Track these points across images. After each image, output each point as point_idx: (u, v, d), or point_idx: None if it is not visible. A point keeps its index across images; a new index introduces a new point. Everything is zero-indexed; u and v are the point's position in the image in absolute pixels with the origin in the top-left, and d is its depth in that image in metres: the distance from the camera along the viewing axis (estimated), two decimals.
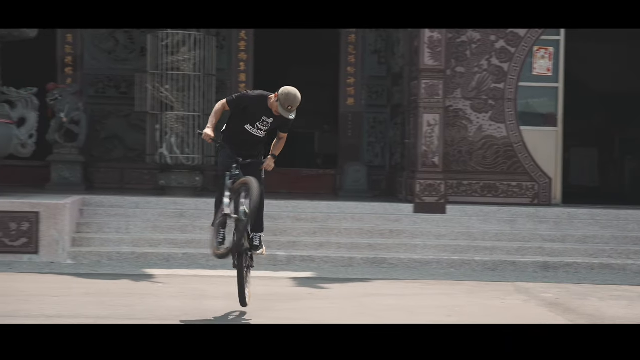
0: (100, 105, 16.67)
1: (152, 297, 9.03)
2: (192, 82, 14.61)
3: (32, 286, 9.74)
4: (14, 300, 8.64)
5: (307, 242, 12.92)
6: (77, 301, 8.69)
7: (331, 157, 20.30)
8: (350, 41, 16.94)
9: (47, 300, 8.65)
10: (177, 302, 8.80)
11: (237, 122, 7.92)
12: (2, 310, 8.00)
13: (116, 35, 16.84)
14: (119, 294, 9.35)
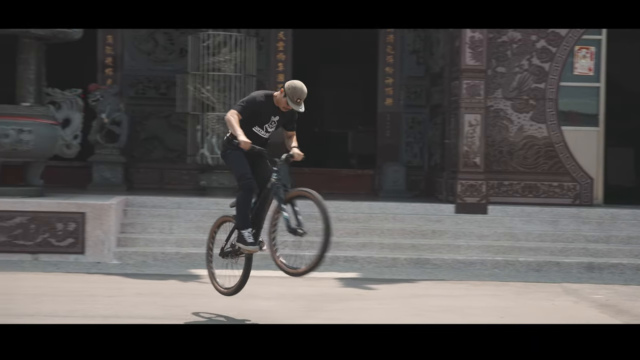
0: (140, 106, 16.76)
1: (203, 297, 9.06)
2: (233, 83, 14.66)
3: (83, 286, 9.83)
4: (69, 300, 8.72)
5: (350, 242, 12.93)
6: (130, 301, 8.76)
7: (365, 157, 20.31)
8: (388, 41, 16.93)
9: (101, 301, 8.73)
10: (228, 302, 8.82)
11: (244, 126, 7.67)
12: (58, 309, 8.09)
13: (156, 37, 16.94)
14: (170, 294, 9.42)
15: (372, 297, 9.76)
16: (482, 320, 8.07)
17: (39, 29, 12.16)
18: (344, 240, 13.00)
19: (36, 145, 12.43)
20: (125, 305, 8.46)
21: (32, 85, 12.63)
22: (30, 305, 8.38)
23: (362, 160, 20.15)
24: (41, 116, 12.60)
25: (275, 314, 8.27)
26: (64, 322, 7.20)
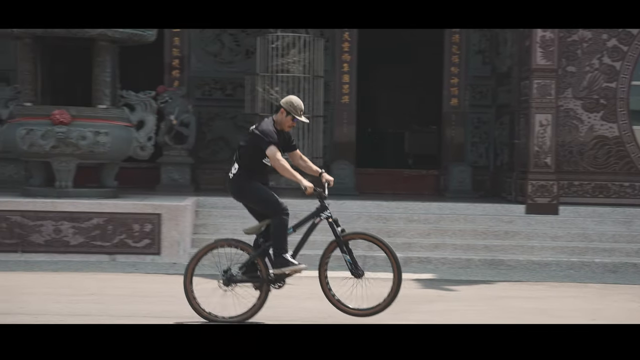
0: (207, 107, 16.87)
1: (290, 299, 9.07)
2: (302, 84, 14.71)
3: (165, 287, 9.89)
4: (158, 301, 8.81)
5: (422, 243, 12.91)
6: None
7: (422, 157, 20.26)
8: (454, 41, 16.86)
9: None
10: (314, 304, 8.84)
11: (257, 161, 7.62)
12: (151, 310, 8.18)
13: (222, 38, 17.04)
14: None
15: (454, 298, 9.73)
16: (574, 321, 8.00)
17: (116, 32, 12.31)
18: (416, 241, 12.99)
19: (112, 147, 12.57)
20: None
21: (108, 87, 12.78)
22: (121, 305, 8.48)
23: (418, 160, 20.13)
24: (117, 118, 12.75)
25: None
26: (159, 322, 7.29)
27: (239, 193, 7.74)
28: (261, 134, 7.51)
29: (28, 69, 12.68)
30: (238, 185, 7.67)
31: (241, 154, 7.62)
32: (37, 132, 12.18)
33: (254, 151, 7.57)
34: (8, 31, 12.29)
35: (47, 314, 7.89)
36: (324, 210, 7.91)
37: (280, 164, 7.53)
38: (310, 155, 14.81)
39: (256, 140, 7.53)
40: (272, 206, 7.71)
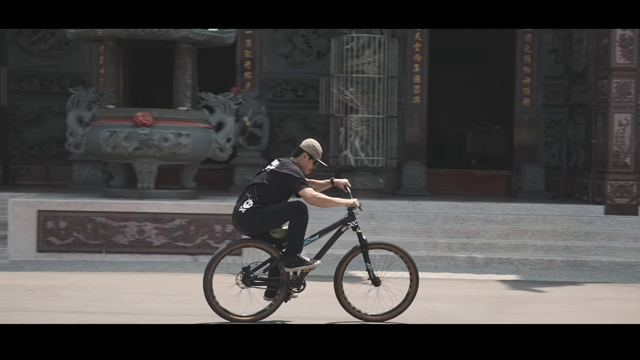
0: (278, 108, 16.93)
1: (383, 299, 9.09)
2: (376, 85, 14.71)
3: None
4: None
5: (502, 244, 12.83)
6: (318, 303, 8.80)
7: (486, 157, 20.14)
8: (526, 41, 16.73)
9: None
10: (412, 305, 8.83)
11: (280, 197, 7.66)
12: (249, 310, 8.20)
13: (293, 40, 17.10)
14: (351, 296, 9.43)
15: (546, 299, 9.65)
16: None
17: (198, 35, 12.42)
18: (495, 242, 12.92)
19: (193, 149, 12.68)
20: (316, 307, 8.52)
21: (189, 90, 12.90)
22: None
23: (481, 161, 20.03)
24: (197, 120, 12.85)
25: (462, 316, 8.23)
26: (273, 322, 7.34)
27: (254, 224, 7.65)
28: (292, 175, 7.51)
29: (111, 72, 12.83)
30: (252, 216, 7.56)
31: (261, 193, 7.51)
32: (121, 134, 12.32)
33: (277, 190, 7.57)
34: (92, 35, 12.46)
35: (150, 313, 7.99)
36: (352, 219, 7.99)
37: (320, 199, 7.69)
38: (384, 157, 14.86)
39: (285, 182, 7.51)
40: (294, 208, 7.63)
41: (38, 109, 16.91)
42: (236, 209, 7.62)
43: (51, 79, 16.85)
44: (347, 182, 8.10)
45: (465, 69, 20.15)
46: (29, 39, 16.85)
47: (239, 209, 7.57)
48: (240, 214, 7.59)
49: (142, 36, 12.28)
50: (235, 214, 7.66)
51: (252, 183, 7.64)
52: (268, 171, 7.63)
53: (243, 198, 7.59)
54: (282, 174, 7.52)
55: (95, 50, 16.51)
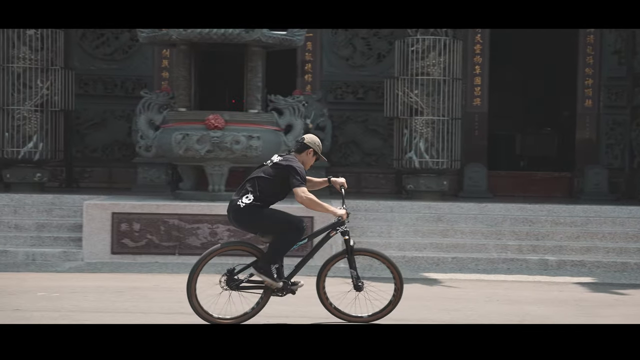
0: (338, 111, 16.98)
1: (466, 301, 9.11)
2: (441, 87, 14.69)
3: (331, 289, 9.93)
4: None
5: (573, 246, 12.78)
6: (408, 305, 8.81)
7: (536, 159, 20.04)
8: (588, 42, 16.65)
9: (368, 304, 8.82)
10: (494, 308, 8.84)
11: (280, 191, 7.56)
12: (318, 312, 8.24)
13: (354, 42, 17.14)
14: (430, 297, 9.48)
15: (632, 302, 9.59)
16: None
17: (269, 38, 12.49)
18: (566, 244, 12.86)
19: (263, 152, 12.72)
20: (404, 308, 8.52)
21: (260, 92, 12.96)
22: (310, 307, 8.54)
23: (531, 162, 19.95)
24: (267, 122, 12.92)
25: (557, 318, 8.19)
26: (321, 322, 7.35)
27: (250, 223, 7.45)
28: (295, 169, 7.38)
29: (183, 75, 12.93)
30: (250, 214, 7.35)
31: (262, 188, 7.34)
32: (193, 137, 12.41)
33: (278, 185, 7.42)
34: (166, 38, 12.57)
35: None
36: (341, 224, 7.78)
37: (310, 201, 7.46)
38: (448, 159, 14.82)
39: (286, 174, 7.37)
40: (295, 224, 7.51)
41: (101, 112, 17.08)
42: (234, 202, 7.37)
43: (114, 82, 17.02)
44: (343, 183, 7.98)
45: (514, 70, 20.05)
46: (93, 43, 17.03)
47: (238, 202, 7.33)
48: (238, 208, 7.34)
49: (215, 39, 12.36)
50: (232, 207, 7.39)
51: (253, 176, 7.42)
52: (270, 165, 7.47)
53: (242, 191, 7.36)
54: (285, 166, 7.37)
55: (158, 53, 16.66)
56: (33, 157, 14.52)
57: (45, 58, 14.48)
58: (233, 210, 7.38)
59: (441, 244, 12.87)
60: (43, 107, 14.52)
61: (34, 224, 12.93)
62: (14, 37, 14.33)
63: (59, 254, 12.16)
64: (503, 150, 20.89)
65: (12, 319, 7.42)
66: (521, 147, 21.38)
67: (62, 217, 13.27)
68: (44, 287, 9.48)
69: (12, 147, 14.46)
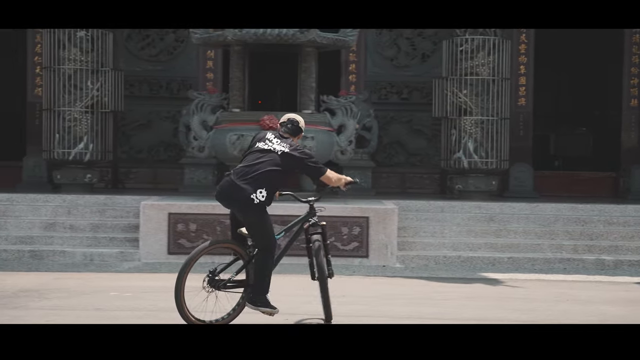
0: (383, 111, 16.97)
1: (537, 301, 9.09)
2: (490, 87, 14.66)
3: (395, 289, 9.96)
4: (397, 303, 8.87)
5: (629, 246, 12.74)
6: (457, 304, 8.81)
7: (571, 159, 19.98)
8: (634, 41, 16.57)
9: (427, 303, 8.88)
10: (568, 307, 8.80)
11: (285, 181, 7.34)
12: (402, 311, 8.25)
13: (398, 42, 17.15)
14: (497, 297, 9.46)
15: None
16: None
17: (324, 38, 12.51)
18: (621, 244, 12.82)
19: (317, 152, 12.68)
20: (476, 308, 8.53)
21: (313, 93, 12.98)
22: (379, 307, 8.57)
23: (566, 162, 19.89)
24: (320, 123, 12.92)
25: (633, 318, 8.15)
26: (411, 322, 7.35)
27: (255, 220, 7.04)
28: (313, 158, 7.21)
29: (237, 76, 12.96)
30: (259, 212, 7.00)
31: (274, 182, 7.03)
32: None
33: (285, 175, 7.16)
34: (221, 39, 12.61)
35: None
36: (313, 215, 7.59)
37: (336, 177, 7.30)
38: (497, 159, 14.79)
39: (302, 165, 7.13)
40: (270, 242, 7.16)
41: (147, 114, 17.15)
42: (247, 194, 6.84)
43: (159, 83, 17.09)
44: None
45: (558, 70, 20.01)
46: (138, 44, 17.10)
47: (252, 195, 6.85)
48: (251, 202, 6.87)
49: (270, 40, 12.38)
50: (244, 199, 6.86)
51: (267, 170, 6.90)
52: (280, 153, 7.02)
53: (256, 183, 6.87)
54: (300, 158, 7.05)
55: (202, 54, 16.72)
56: (83, 158, 14.59)
57: (95, 59, 14.56)
58: (244, 202, 6.88)
59: (495, 244, 12.85)
60: (93, 109, 14.60)
61: (89, 225, 12.99)
62: (64, 38, 14.43)
63: (116, 254, 12.21)
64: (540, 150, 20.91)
65: (100, 318, 7.45)
66: (555, 147, 21.36)
67: (115, 217, 13.33)
68: (112, 287, 9.52)
69: (63, 148, 14.55)
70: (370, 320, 7.63)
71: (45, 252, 12.16)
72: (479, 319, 7.77)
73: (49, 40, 14.48)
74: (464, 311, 8.22)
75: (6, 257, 12.03)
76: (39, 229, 12.93)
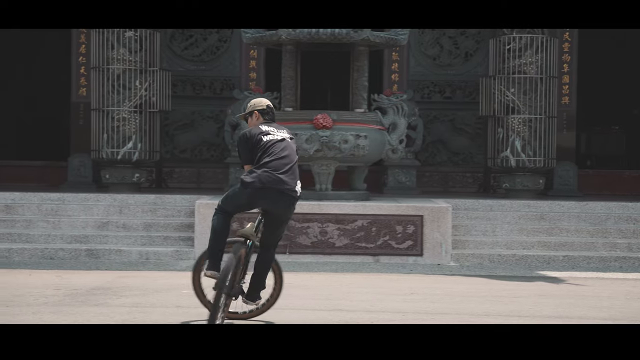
0: (426, 110, 16.95)
1: (608, 299, 9.08)
2: (537, 85, 14.64)
3: (459, 287, 9.96)
4: (472, 301, 8.86)
5: None
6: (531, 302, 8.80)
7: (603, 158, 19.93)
8: None
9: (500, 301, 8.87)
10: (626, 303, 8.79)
11: None
12: (477, 309, 8.24)
13: (441, 41, 17.14)
14: (565, 295, 9.43)
15: None
16: None
17: (377, 37, 12.52)
18: None
19: (370, 151, 12.74)
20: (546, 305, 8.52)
21: (365, 92, 12.99)
22: (454, 305, 8.57)
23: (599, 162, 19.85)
24: (372, 122, 12.93)
25: None
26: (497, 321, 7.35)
27: (291, 216, 7.02)
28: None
29: (290, 75, 12.98)
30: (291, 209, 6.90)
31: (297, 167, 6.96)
32: (302, 137, 12.44)
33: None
34: (274, 38, 12.63)
35: (401, 312, 8.02)
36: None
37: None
38: (544, 157, 14.77)
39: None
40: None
41: (190, 113, 17.18)
42: (292, 187, 6.72)
43: (203, 83, 17.12)
44: None
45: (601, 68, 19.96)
46: (182, 44, 17.15)
47: (295, 188, 6.76)
48: (296, 196, 6.78)
49: (325, 39, 12.40)
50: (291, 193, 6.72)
51: (294, 160, 6.81)
52: (291, 141, 6.94)
53: (293, 175, 6.76)
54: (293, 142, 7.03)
55: (245, 54, 16.76)
56: (131, 157, 14.65)
57: (143, 59, 14.61)
58: (292, 197, 6.74)
59: (549, 243, 12.82)
60: (142, 108, 14.66)
61: (141, 224, 13.04)
62: (113, 39, 14.48)
63: (171, 253, 12.25)
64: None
65: (187, 315, 7.47)
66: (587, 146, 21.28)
67: (167, 216, 13.37)
68: (180, 285, 9.52)
69: (111, 147, 14.60)
70: (454, 319, 7.64)
71: (101, 251, 12.20)
72: (561, 316, 7.76)
73: (97, 40, 14.54)
74: (543, 309, 8.21)
75: (63, 255, 12.09)
76: (92, 228, 12.99)
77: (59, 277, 10.15)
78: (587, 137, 21.09)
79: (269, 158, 6.71)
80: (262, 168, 6.66)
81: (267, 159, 6.71)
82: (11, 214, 13.28)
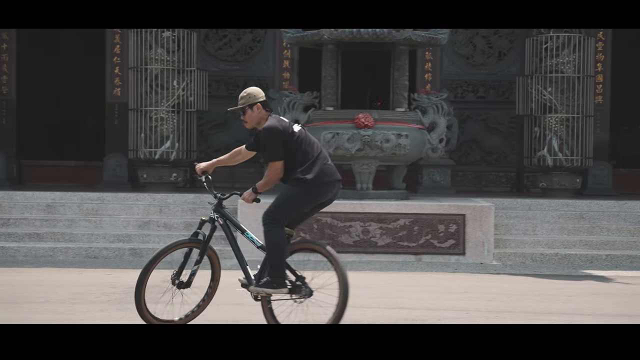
0: (459, 109, 16.95)
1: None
2: (574, 84, 14.63)
3: (509, 285, 9.95)
4: (528, 299, 8.85)
5: None
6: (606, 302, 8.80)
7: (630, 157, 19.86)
8: None
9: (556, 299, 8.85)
10: None
11: None
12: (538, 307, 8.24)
13: (474, 41, 17.15)
14: (619, 293, 9.44)
15: None
16: None
17: (419, 37, 12.54)
18: None
19: (410, 150, 12.76)
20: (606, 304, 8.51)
21: (406, 91, 13.01)
22: (513, 303, 8.57)
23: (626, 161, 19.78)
24: (412, 121, 12.95)
25: None
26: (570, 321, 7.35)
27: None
28: None
29: (331, 75, 13.01)
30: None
31: None
32: (344, 136, 12.46)
33: None
34: (316, 38, 12.65)
35: (455, 309, 8.02)
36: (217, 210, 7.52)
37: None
38: (581, 156, 14.75)
39: None
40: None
41: (224, 113, 17.18)
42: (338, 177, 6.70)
43: (236, 83, 17.16)
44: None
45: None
46: (216, 44, 17.20)
47: (338, 178, 6.69)
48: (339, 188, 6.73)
49: (367, 39, 12.42)
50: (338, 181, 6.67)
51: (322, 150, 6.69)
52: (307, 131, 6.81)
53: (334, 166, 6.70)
54: None
55: (279, 54, 16.79)
56: (169, 157, 14.69)
57: (180, 59, 14.65)
58: (338, 187, 6.70)
59: (590, 242, 12.82)
60: (179, 108, 14.70)
61: (182, 223, 13.08)
62: (151, 39, 14.53)
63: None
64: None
65: (249, 313, 7.50)
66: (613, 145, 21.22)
67: (207, 216, 13.34)
68: (231, 283, 9.54)
69: (148, 147, 14.65)
70: (518, 317, 7.64)
71: (144, 250, 12.24)
72: (623, 314, 7.75)
73: (135, 40, 14.59)
74: (602, 307, 8.21)
75: (107, 254, 12.14)
76: (134, 228, 13.04)
77: (109, 275, 10.19)
78: (614, 136, 21.07)
79: (316, 150, 6.61)
80: (317, 162, 6.54)
81: (315, 151, 6.60)
82: (53, 213, 13.34)
